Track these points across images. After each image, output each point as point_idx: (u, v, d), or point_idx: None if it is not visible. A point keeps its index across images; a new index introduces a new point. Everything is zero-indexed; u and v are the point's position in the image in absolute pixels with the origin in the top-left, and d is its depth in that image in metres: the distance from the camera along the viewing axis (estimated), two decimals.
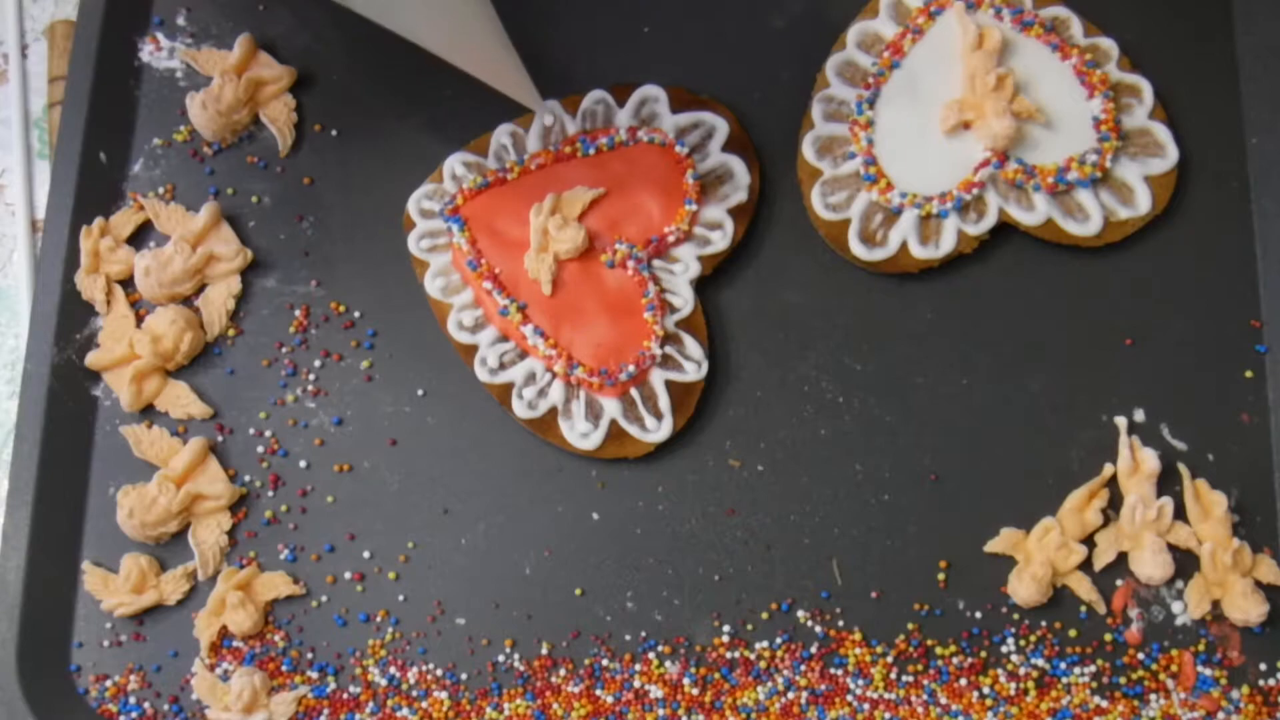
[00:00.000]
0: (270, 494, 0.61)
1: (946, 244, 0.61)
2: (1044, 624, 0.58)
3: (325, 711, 0.58)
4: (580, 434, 0.59)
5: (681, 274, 0.61)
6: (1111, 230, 0.61)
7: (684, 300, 0.61)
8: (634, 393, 0.59)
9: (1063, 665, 0.57)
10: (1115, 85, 0.63)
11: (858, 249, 0.61)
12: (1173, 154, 0.61)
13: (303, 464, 0.61)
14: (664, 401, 0.59)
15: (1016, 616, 0.58)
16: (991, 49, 0.62)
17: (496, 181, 0.62)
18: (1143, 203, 0.61)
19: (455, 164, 0.63)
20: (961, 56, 0.63)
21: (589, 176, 0.62)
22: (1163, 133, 0.62)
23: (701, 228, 0.61)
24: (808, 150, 0.62)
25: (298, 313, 0.63)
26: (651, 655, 0.58)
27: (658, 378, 0.60)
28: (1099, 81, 0.62)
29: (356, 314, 0.63)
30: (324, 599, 0.60)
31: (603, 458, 0.60)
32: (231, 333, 0.63)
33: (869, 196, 0.61)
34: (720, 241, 0.61)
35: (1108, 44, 0.63)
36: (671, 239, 0.61)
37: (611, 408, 0.59)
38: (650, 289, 0.60)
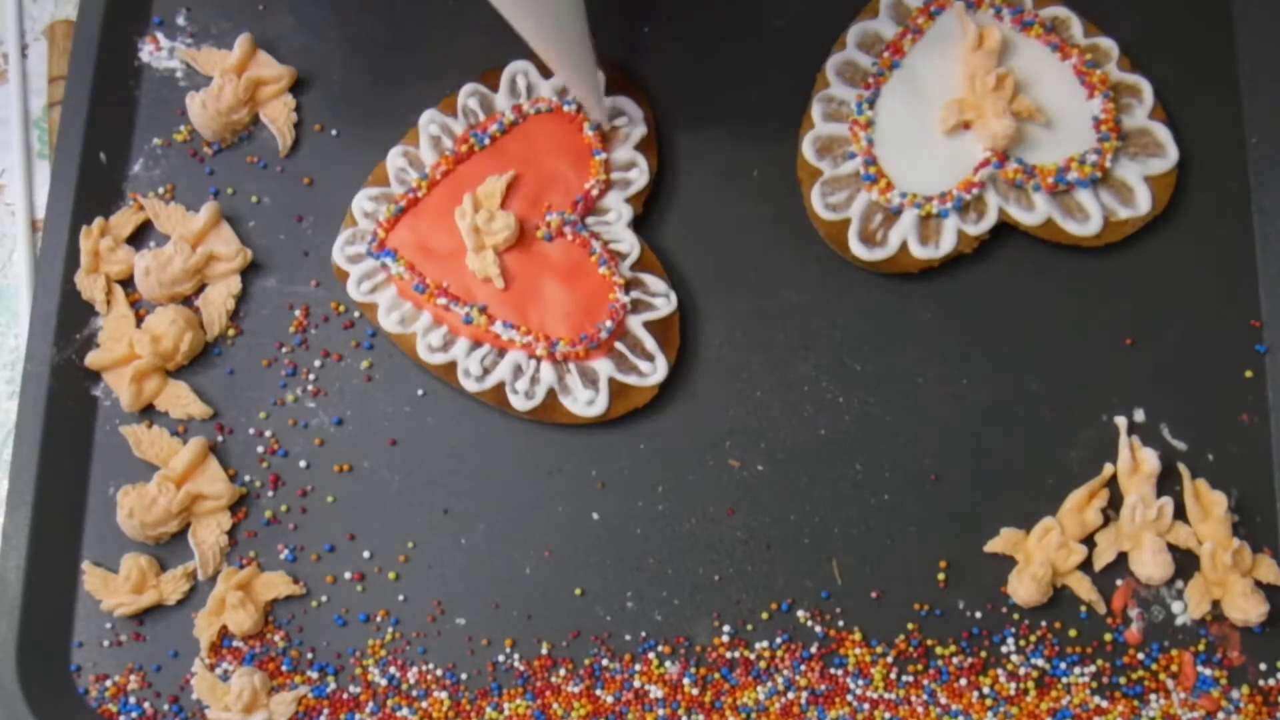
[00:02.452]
0: (270, 494, 0.61)
1: (946, 244, 0.61)
2: (1044, 624, 0.58)
3: (325, 711, 0.58)
4: (585, 403, 0.59)
5: (616, 221, 0.62)
6: (1111, 230, 0.61)
7: (629, 244, 0.61)
8: (620, 346, 0.60)
9: (1063, 665, 0.57)
10: (1115, 85, 0.63)
11: (858, 249, 0.61)
12: (1173, 154, 0.61)
13: (303, 464, 0.61)
14: (650, 343, 0.60)
15: (1016, 616, 0.58)
16: (991, 49, 0.62)
17: (409, 203, 0.62)
18: (1143, 203, 0.61)
19: (362, 201, 0.63)
20: (961, 56, 0.63)
21: (494, 165, 0.62)
22: (1163, 133, 0.62)
23: (618, 172, 0.62)
24: (808, 150, 0.62)
25: (298, 313, 0.63)
26: (651, 655, 0.58)
27: (635, 323, 0.60)
28: (1099, 81, 0.62)
29: (356, 314, 0.63)
30: (324, 599, 0.60)
31: (615, 418, 0.60)
32: (231, 333, 0.63)
33: (869, 196, 0.61)
34: (640, 178, 0.62)
35: (1108, 44, 0.63)
36: (595, 193, 0.62)
37: (605, 368, 0.60)
38: (595, 245, 0.61)
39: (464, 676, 0.58)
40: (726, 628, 0.58)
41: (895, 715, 0.57)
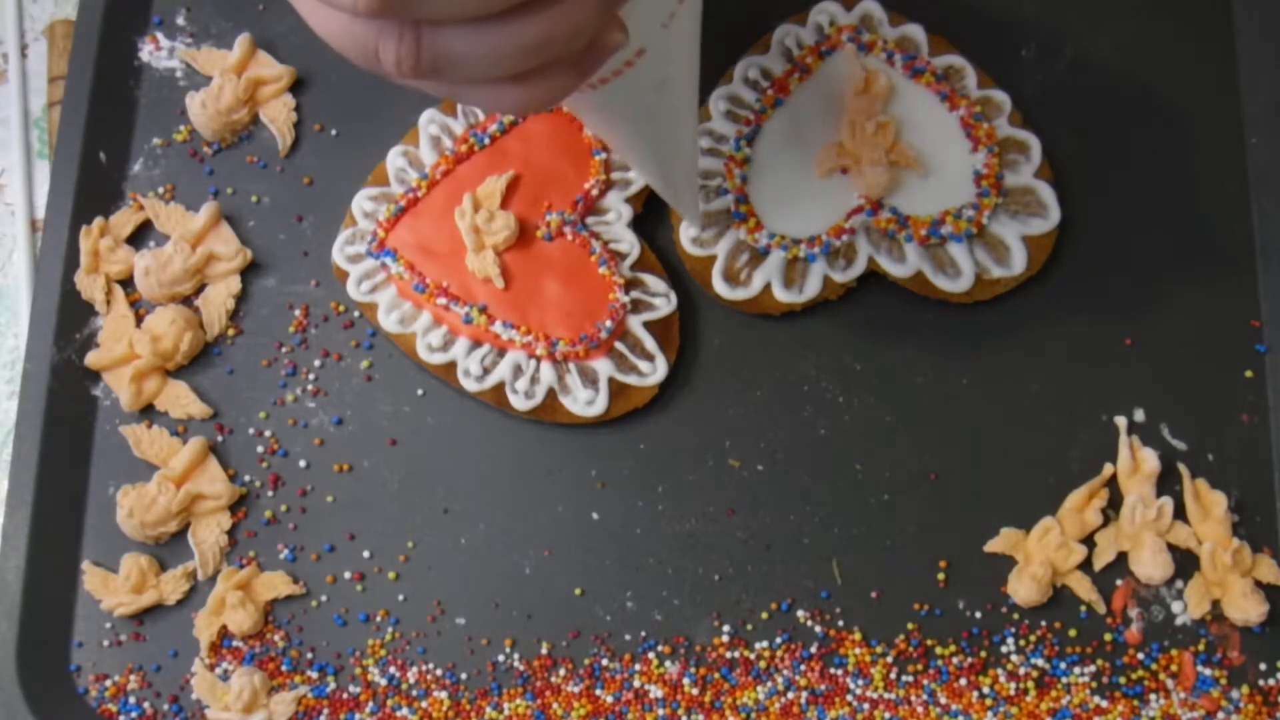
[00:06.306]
0: (270, 494, 0.61)
1: (811, 289, 0.60)
2: (1044, 624, 0.58)
3: (325, 711, 0.58)
4: (585, 403, 0.59)
5: (616, 221, 0.62)
6: (982, 288, 0.60)
7: (629, 244, 0.61)
8: (619, 346, 0.60)
9: (1063, 665, 0.57)
10: (1003, 141, 0.61)
11: (720, 287, 0.60)
12: (1054, 215, 0.60)
13: (303, 464, 0.61)
14: (650, 343, 0.60)
15: (1016, 616, 0.58)
16: (876, 94, 0.60)
17: (409, 203, 0.62)
18: (1018, 262, 0.59)
19: (362, 201, 0.63)
20: (845, 100, 0.61)
21: (494, 165, 0.62)
22: (1046, 192, 0.60)
23: (618, 172, 0.62)
24: None
25: (297, 313, 0.63)
26: (651, 655, 0.58)
27: (635, 323, 0.60)
28: (985, 135, 0.60)
29: (356, 314, 0.63)
30: (324, 599, 0.60)
31: (615, 418, 0.60)
32: (231, 333, 0.63)
33: (736, 235, 0.60)
34: (640, 178, 0.62)
35: (1000, 97, 0.62)
36: (595, 192, 0.61)
37: (604, 367, 0.59)
38: (595, 245, 0.60)
39: (464, 676, 0.58)
40: (726, 628, 0.58)
41: (895, 715, 0.57)
